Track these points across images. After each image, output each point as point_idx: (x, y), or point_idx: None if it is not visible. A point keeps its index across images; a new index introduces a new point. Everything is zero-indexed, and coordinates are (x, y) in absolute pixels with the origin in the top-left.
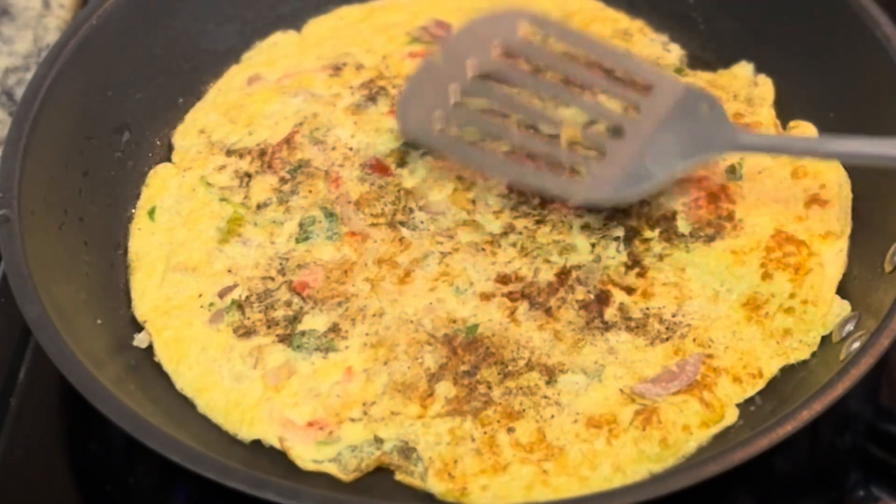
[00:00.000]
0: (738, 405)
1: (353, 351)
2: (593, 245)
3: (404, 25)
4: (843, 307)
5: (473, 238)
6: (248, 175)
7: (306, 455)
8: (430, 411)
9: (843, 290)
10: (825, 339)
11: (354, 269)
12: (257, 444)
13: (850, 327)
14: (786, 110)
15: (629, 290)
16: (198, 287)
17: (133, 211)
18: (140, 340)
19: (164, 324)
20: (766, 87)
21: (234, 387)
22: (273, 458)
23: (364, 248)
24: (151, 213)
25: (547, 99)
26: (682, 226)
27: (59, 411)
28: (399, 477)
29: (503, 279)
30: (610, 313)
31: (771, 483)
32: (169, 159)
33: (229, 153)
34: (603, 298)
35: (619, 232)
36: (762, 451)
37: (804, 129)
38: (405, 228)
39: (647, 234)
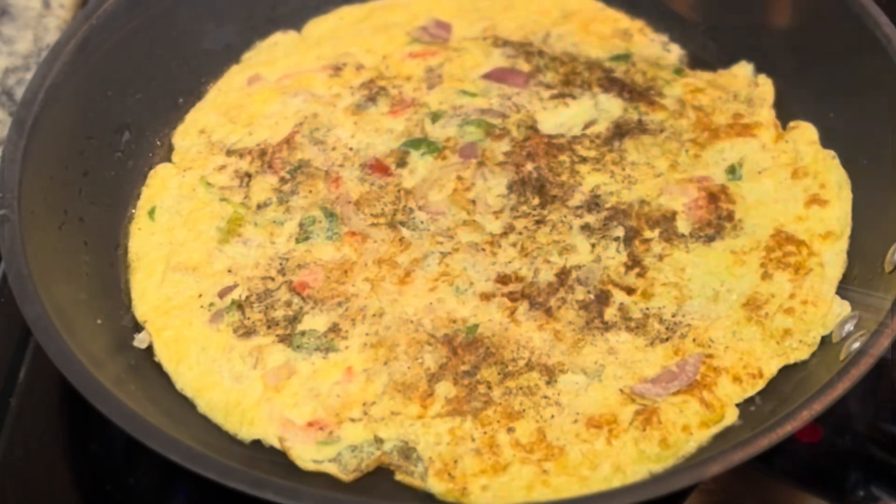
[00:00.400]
0: (737, 405)
1: (353, 351)
2: (593, 245)
3: (404, 26)
4: (843, 307)
5: (473, 238)
6: (249, 175)
7: (306, 455)
8: (430, 411)
9: (843, 289)
10: (825, 340)
11: (354, 269)
12: (257, 444)
13: (849, 327)
14: (786, 110)
15: (629, 291)
16: (198, 287)
17: (133, 211)
18: (140, 340)
19: (164, 324)
20: (766, 88)
21: (234, 387)
22: (273, 459)
23: (364, 248)
24: (151, 212)
25: None
26: (682, 226)
27: (59, 411)
28: (399, 477)
29: (503, 279)
30: (610, 313)
31: (772, 484)
32: (169, 159)
33: (229, 153)
34: (603, 298)
35: (619, 232)
36: (762, 451)
37: (804, 130)
38: (405, 228)
39: (647, 234)
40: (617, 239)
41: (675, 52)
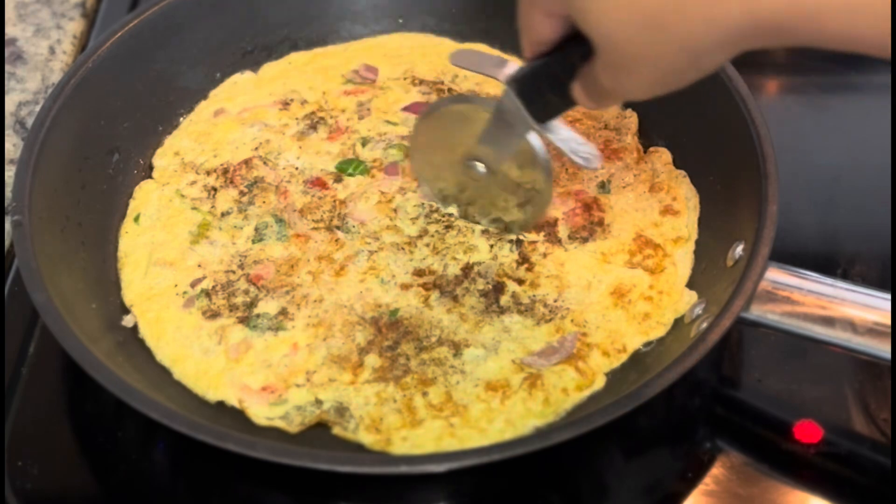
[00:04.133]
0: (606, 374)
1: (298, 330)
2: (491, 246)
3: (340, 68)
4: (692, 296)
5: (395, 239)
6: (215, 189)
7: (261, 413)
8: (361, 378)
9: (693, 281)
10: (678, 321)
11: (299, 264)
12: (221, 405)
13: (698, 311)
14: (646, 138)
15: (520, 282)
16: (174, 278)
17: (122, 217)
18: (127, 321)
19: (147, 308)
20: (631, 120)
21: (202, 359)
22: (234, 416)
23: (307, 247)
24: (137, 219)
25: None
26: (563, 230)
27: (61, 378)
28: (335, 431)
29: (419, 272)
30: (504, 300)
31: (635, 436)
32: (150, 176)
33: (199, 171)
34: (499, 288)
35: (512, 235)
36: (627, 411)
37: (661, 154)
38: (340, 231)
39: (534, 237)
40: (510, 241)
41: None
